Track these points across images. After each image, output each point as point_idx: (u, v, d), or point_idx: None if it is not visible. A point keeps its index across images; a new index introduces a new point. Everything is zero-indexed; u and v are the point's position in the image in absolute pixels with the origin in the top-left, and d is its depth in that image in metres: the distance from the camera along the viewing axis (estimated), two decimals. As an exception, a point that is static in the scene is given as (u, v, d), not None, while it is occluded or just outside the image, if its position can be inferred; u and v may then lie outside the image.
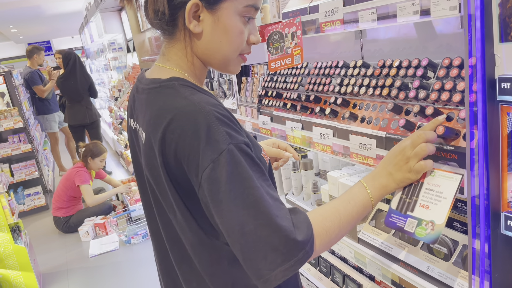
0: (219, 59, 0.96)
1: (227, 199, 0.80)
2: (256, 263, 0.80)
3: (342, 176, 1.47)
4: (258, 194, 0.81)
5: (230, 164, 0.80)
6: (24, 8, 9.35)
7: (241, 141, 0.84)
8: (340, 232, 0.91)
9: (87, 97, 5.83)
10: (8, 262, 3.16)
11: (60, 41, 17.25)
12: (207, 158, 0.81)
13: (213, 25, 0.90)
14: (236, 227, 0.80)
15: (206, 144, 0.81)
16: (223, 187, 0.80)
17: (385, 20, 1.10)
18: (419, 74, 1.10)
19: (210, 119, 0.82)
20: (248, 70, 2.20)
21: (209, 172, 0.81)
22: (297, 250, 0.81)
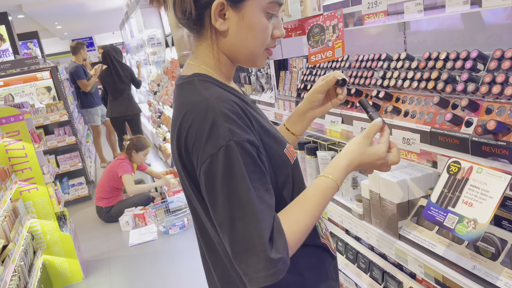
0: (246, 55, 0.99)
1: (221, 193, 0.84)
2: (242, 261, 0.84)
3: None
4: (248, 195, 0.83)
5: (226, 160, 0.83)
6: (69, 5, 9.71)
7: (245, 138, 0.85)
8: (310, 225, 0.93)
9: (129, 90, 5.96)
10: (54, 248, 3.32)
11: (102, 37, 17.80)
12: (207, 152, 0.84)
13: (238, 23, 0.93)
14: (228, 221, 0.84)
15: (208, 138, 0.84)
16: (219, 181, 0.84)
17: (432, 11, 1.06)
18: (468, 67, 1.06)
19: (215, 114, 0.85)
20: (287, 64, 2.19)
21: (207, 166, 0.84)
22: (276, 262, 0.83)
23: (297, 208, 0.93)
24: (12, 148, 3.05)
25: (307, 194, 0.95)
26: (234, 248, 0.85)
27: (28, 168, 3.12)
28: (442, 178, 1.02)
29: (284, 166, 0.98)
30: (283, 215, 0.91)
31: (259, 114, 1.02)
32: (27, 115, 3.27)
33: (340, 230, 1.89)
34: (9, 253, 2.32)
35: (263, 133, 0.95)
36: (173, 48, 5.66)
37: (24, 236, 2.78)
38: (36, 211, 3.20)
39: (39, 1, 9.14)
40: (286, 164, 0.99)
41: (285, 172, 0.99)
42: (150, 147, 4.79)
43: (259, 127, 0.94)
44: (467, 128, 1.03)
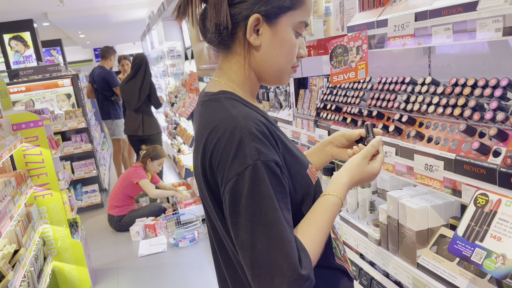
0: (274, 71, 0.99)
1: (245, 213, 0.83)
2: (263, 282, 0.83)
3: (403, 197, 1.40)
4: (276, 215, 0.83)
5: (253, 180, 0.83)
6: (93, 15, 9.94)
7: (271, 159, 0.85)
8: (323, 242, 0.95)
9: (146, 106, 5.26)
10: (64, 255, 3.32)
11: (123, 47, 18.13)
12: (233, 170, 0.84)
13: (271, 38, 0.94)
14: (249, 242, 0.83)
15: (235, 157, 0.84)
16: (243, 201, 0.83)
17: (461, 36, 1.04)
18: (498, 95, 1.03)
19: (243, 133, 0.85)
20: (307, 82, 2.18)
21: (232, 185, 0.84)
22: (304, 281, 0.82)
23: (310, 226, 0.94)
24: (30, 153, 3.09)
25: (316, 212, 0.96)
26: (254, 271, 0.83)
27: (44, 174, 3.15)
28: (469, 210, 0.98)
29: (306, 186, 0.98)
30: (298, 234, 0.91)
31: (282, 134, 1.02)
32: (46, 121, 3.31)
33: (354, 254, 1.84)
34: (20, 258, 2.32)
35: (286, 153, 0.94)
36: (192, 61, 5.71)
37: (35, 241, 2.79)
38: (49, 217, 3.22)
39: (65, 10, 9.38)
40: (308, 184, 0.99)
41: (306, 192, 0.98)
42: (166, 157, 4.79)
43: (283, 147, 0.94)
44: (495, 158, 1.00)
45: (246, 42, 0.95)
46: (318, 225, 0.93)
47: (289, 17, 0.94)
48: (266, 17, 0.92)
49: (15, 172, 2.87)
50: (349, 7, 1.56)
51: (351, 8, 1.55)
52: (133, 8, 9.83)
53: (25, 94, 5.62)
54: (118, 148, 6.23)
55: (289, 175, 0.93)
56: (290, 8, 0.93)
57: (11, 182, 2.57)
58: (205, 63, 4.40)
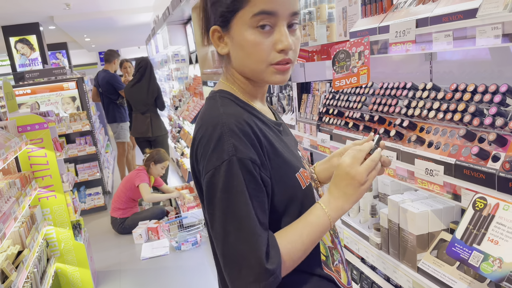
0: (249, 73, 1.01)
1: (219, 206, 0.88)
2: (232, 273, 0.88)
3: (404, 202, 1.41)
4: (247, 210, 0.87)
5: (227, 175, 0.87)
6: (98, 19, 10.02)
7: (247, 156, 0.88)
8: (302, 253, 0.96)
9: (153, 108, 5.38)
10: (67, 257, 3.34)
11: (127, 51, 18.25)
12: (211, 164, 0.89)
13: (232, 43, 0.97)
14: (222, 233, 0.88)
15: (213, 151, 0.89)
16: (218, 194, 0.88)
17: (461, 42, 1.06)
18: (497, 101, 1.04)
19: (224, 129, 0.90)
20: (309, 87, 2.20)
21: (209, 177, 0.89)
22: (268, 275, 0.87)
23: (291, 228, 0.96)
24: (35, 155, 3.12)
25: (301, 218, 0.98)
26: (225, 261, 0.89)
27: (48, 176, 3.17)
28: (468, 214, 0.99)
29: (294, 189, 0.99)
30: (280, 235, 0.94)
31: (278, 136, 1.03)
32: (51, 123, 3.35)
33: (355, 258, 1.85)
34: (23, 259, 2.34)
35: (273, 154, 0.96)
36: (196, 65, 5.74)
37: (39, 243, 2.81)
38: (53, 218, 3.24)
39: (71, 14, 9.46)
40: (295, 188, 1.00)
41: (293, 194, 0.99)
42: (169, 160, 4.81)
43: (271, 148, 0.96)
44: (494, 163, 1.01)
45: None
46: (298, 228, 0.96)
47: (239, 18, 0.92)
48: (220, 26, 0.96)
49: (20, 173, 2.89)
50: (352, 13, 1.58)
51: (354, 14, 1.57)
52: (138, 12, 9.91)
53: (30, 96, 5.67)
54: (122, 151, 6.25)
55: (274, 176, 0.95)
56: (235, 10, 0.91)
57: (16, 184, 2.59)
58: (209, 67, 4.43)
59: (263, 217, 0.90)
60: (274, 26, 0.92)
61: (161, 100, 5.39)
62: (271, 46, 0.93)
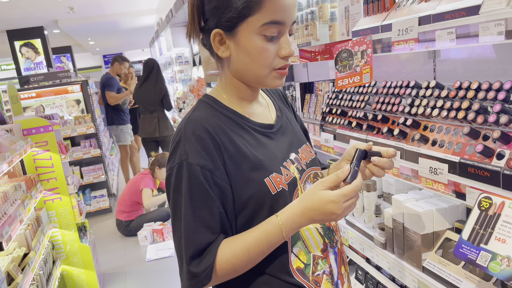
0: (251, 78, 1.02)
1: (171, 204, 0.99)
2: (179, 264, 0.98)
3: (408, 201, 1.41)
4: (185, 212, 0.94)
5: (177, 177, 0.95)
6: (102, 22, 10.07)
7: (197, 162, 0.93)
8: (247, 266, 0.98)
9: (160, 108, 5.38)
10: (73, 259, 3.35)
11: (131, 54, 18.33)
12: (169, 165, 0.99)
13: (236, 48, 0.97)
14: (172, 228, 1.00)
15: (171, 154, 0.98)
16: (170, 194, 0.98)
17: (464, 40, 1.05)
18: (501, 98, 1.03)
19: (182, 134, 0.97)
20: (312, 87, 2.20)
21: (167, 176, 0.99)
22: (191, 277, 0.94)
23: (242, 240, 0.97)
24: (40, 158, 3.13)
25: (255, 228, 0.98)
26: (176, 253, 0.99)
27: (54, 178, 3.19)
28: (473, 214, 0.99)
29: (261, 194, 0.98)
30: (227, 241, 0.97)
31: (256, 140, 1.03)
32: (56, 126, 3.36)
33: (360, 258, 1.84)
34: (29, 262, 2.35)
35: (237, 159, 0.97)
36: (200, 67, 5.76)
37: (45, 245, 2.82)
38: (58, 221, 3.25)
39: (75, 18, 9.51)
40: (263, 193, 0.98)
41: (259, 199, 0.99)
42: None
43: (235, 153, 0.97)
44: (499, 161, 1.00)
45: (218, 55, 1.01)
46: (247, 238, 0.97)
47: (248, 24, 0.93)
48: (224, 30, 0.96)
49: (25, 176, 2.91)
50: (354, 12, 1.58)
51: (356, 13, 1.57)
52: (142, 15, 9.95)
53: (35, 100, 5.70)
54: (125, 154, 6.26)
55: (238, 180, 0.97)
56: (245, 16, 0.93)
57: (21, 186, 2.61)
58: (213, 69, 4.44)
59: (209, 219, 0.95)
60: (280, 34, 0.97)
61: (167, 100, 5.40)
62: (275, 52, 0.98)
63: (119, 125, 6.03)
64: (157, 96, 5.29)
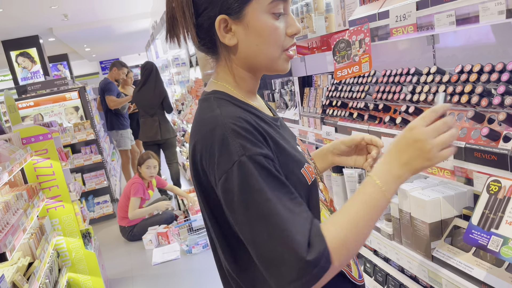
0: (264, 61, 0.97)
1: (240, 210, 0.83)
2: (274, 274, 0.82)
3: (413, 190, 1.38)
4: (269, 206, 0.81)
5: (241, 175, 0.83)
6: (97, 28, 10.05)
7: (257, 153, 0.85)
8: (359, 237, 0.87)
9: (161, 111, 5.33)
10: (78, 266, 3.34)
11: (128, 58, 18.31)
12: (221, 169, 0.84)
13: (245, 32, 0.93)
14: (250, 237, 0.83)
15: (220, 155, 0.85)
16: (236, 198, 0.83)
17: (464, 22, 1.03)
18: (505, 79, 1.01)
19: (225, 131, 0.86)
20: (311, 81, 2.18)
21: (223, 183, 0.84)
22: (311, 267, 0.79)
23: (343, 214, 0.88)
24: (40, 166, 3.11)
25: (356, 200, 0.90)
26: (263, 265, 0.83)
27: (55, 186, 3.17)
28: (482, 198, 0.96)
29: (300, 186, 0.95)
30: (326, 222, 0.88)
31: (278, 132, 1.00)
32: (55, 133, 3.34)
33: (368, 251, 1.82)
34: (34, 271, 2.33)
35: (277, 151, 0.92)
36: (197, 67, 5.74)
37: (49, 253, 2.80)
38: (62, 228, 3.23)
39: (69, 25, 9.50)
40: (302, 184, 0.96)
41: (300, 192, 0.95)
42: (153, 158, 4.68)
43: (274, 144, 0.92)
44: (505, 144, 0.98)
45: (223, 45, 0.95)
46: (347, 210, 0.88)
47: (255, 4, 0.90)
48: (230, 14, 0.91)
49: (27, 185, 2.89)
50: (350, 2, 1.56)
51: (352, 2, 1.55)
52: (136, 19, 9.93)
53: (33, 109, 5.69)
54: (126, 159, 6.22)
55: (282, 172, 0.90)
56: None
57: (23, 196, 2.59)
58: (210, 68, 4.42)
59: (295, 205, 0.84)
60: (284, 11, 0.94)
61: (168, 102, 5.36)
62: (284, 31, 0.95)
63: (119, 130, 5.98)
64: (157, 99, 5.25)
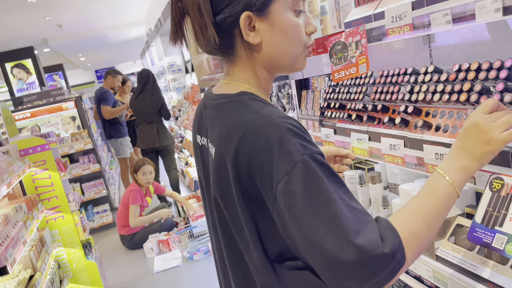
0: (287, 60, 0.95)
1: (305, 214, 0.76)
2: (343, 280, 0.76)
3: (415, 190, 1.38)
4: (337, 207, 0.76)
5: (305, 176, 0.77)
6: (92, 37, 10.05)
7: (316, 151, 0.80)
8: (430, 231, 0.83)
9: (159, 118, 5.33)
10: (80, 277, 3.31)
11: (123, 66, 18.31)
12: (281, 170, 0.78)
13: (270, 29, 0.90)
14: (317, 243, 0.76)
15: (279, 156, 0.78)
16: (299, 201, 0.76)
17: (460, 21, 1.03)
18: (503, 76, 1.01)
19: (281, 131, 0.80)
20: (308, 83, 2.17)
21: (284, 185, 0.77)
22: (386, 263, 0.75)
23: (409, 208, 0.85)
24: (39, 177, 3.10)
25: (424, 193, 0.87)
26: (333, 273, 0.76)
27: (54, 197, 3.15)
28: (485, 196, 0.96)
29: None
30: (392, 216, 0.84)
31: None
32: (53, 144, 3.33)
33: (371, 252, 1.82)
34: (36, 283, 2.31)
35: None
36: (193, 74, 5.75)
37: (50, 265, 2.78)
38: (62, 239, 3.21)
39: (64, 35, 9.50)
40: None
41: None
42: (148, 165, 4.66)
43: None
44: (506, 141, 0.98)
45: (245, 44, 0.92)
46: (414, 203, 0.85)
47: (280, 1, 0.89)
48: (255, 11, 0.88)
49: (26, 197, 2.87)
50: (345, 4, 1.56)
51: (347, 4, 1.55)
52: (130, 27, 9.94)
53: (30, 120, 5.67)
54: (126, 167, 6.19)
55: None
56: None
57: (22, 208, 2.57)
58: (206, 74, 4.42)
59: (356, 204, 0.80)
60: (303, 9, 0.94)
61: (165, 109, 5.34)
62: (304, 29, 0.94)
63: (117, 138, 5.95)
64: (154, 107, 5.24)
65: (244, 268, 0.94)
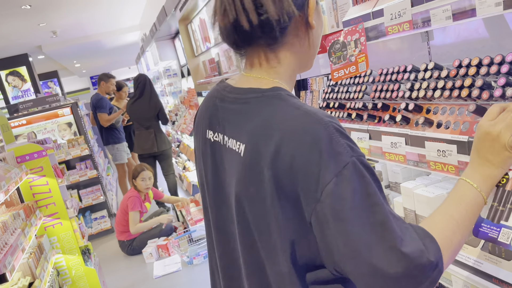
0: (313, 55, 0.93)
1: (353, 218, 0.73)
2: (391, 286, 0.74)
3: (417, 187, 1.37)
4: (384, 212, 0.74)
5: (354, 179, 0.74)
6: (86, 43, 10.03)
7: (362, 154, 0.77)
8: (462, 238, 0.83)
9: (156, 123, 5.31)
10: (79, 284, 3.29)
11: (118, 72, 18.29)
12: (330, 171, 0.73)
13: (317, 18, 0.89)
14: (363, 248, 0.72)
15: (328, 156, 0.74)
16: (348, 204, 0.73)
17: (461, 17, 1.03)
18: (505, 71, 1.01)
19: (330, 130, 0.76)
20: (306, 84, 2.17)
21: (332, 187, 0.73)
22: (431, 271, 0.74)
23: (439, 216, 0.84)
24: (36, 184, 3.08)
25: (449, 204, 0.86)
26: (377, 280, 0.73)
27: (52, 204, 3.13)
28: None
29: None
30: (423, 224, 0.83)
31: None
32: (50, 150, 3.31)
33: (373, 252, 1.81)
34: (35, 290, 2.29)
35: None
36: (189, 78, 5.73)
37: (49, 272, 2.76)
38: (61, 246, 3.19)
39: (58, 41, 9.47)
40: None
41: None
42: (147, 170, 4.65)
43: None
44: (510, 135, 0.97)
45: (306, 27, 0.86)
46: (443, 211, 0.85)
47: None
48: None
49: (23, 204, 2.85)
50: (342, 3, 1.55)
51: (344, 3, 1.55)
52: (125, 32, 9.92)
53: (26, 127, 5.64)
54: (123, 173, 6.16)
55: None
56: None
57: (20, 215, 2.55)
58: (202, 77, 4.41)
59: (392, 209, 0.78)
60: None
61: (163, 114, 5.31)
62: None
63: (114, 144, 5.91)
64: (152, 112, 5.22)
65: (262, 277, 0.87)
